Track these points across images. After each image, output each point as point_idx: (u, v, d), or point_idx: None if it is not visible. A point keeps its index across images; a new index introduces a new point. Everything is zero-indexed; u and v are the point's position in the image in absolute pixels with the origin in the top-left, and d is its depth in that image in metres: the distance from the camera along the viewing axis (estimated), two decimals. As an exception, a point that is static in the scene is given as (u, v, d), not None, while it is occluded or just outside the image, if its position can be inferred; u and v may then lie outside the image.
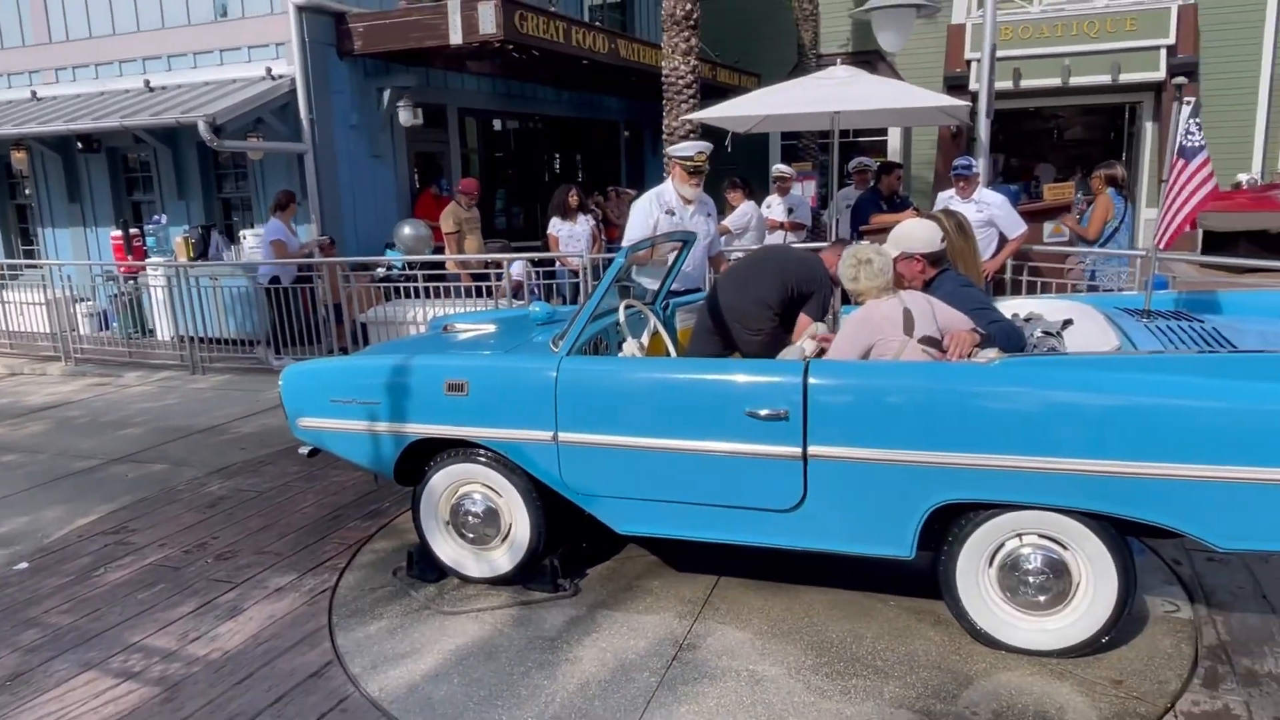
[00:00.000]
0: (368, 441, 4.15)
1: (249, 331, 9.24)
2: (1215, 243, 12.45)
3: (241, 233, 10.05)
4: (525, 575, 4.04)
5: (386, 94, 10.58)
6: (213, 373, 9.10)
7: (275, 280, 8.76)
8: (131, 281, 10.28)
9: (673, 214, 5.45)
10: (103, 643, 3.76)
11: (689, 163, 5.40)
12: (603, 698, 3.22)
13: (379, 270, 9.23)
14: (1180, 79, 13.74)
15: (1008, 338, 3.55)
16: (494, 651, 3.56)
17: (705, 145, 5.48)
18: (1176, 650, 3.41)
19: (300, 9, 9.63)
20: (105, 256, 10.95)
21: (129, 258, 10.37)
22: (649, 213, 5.44)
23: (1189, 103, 3.90)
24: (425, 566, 4.19)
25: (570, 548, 4.25)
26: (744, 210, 8.57)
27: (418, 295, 8.30)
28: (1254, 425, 2.92)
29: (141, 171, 11.35)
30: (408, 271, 8.95)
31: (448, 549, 4.14)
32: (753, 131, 9.57)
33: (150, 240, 10.46)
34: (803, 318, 4.40)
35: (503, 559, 4.06)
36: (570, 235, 8.85)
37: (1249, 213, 12.27)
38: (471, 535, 4.09)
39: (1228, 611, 3.68)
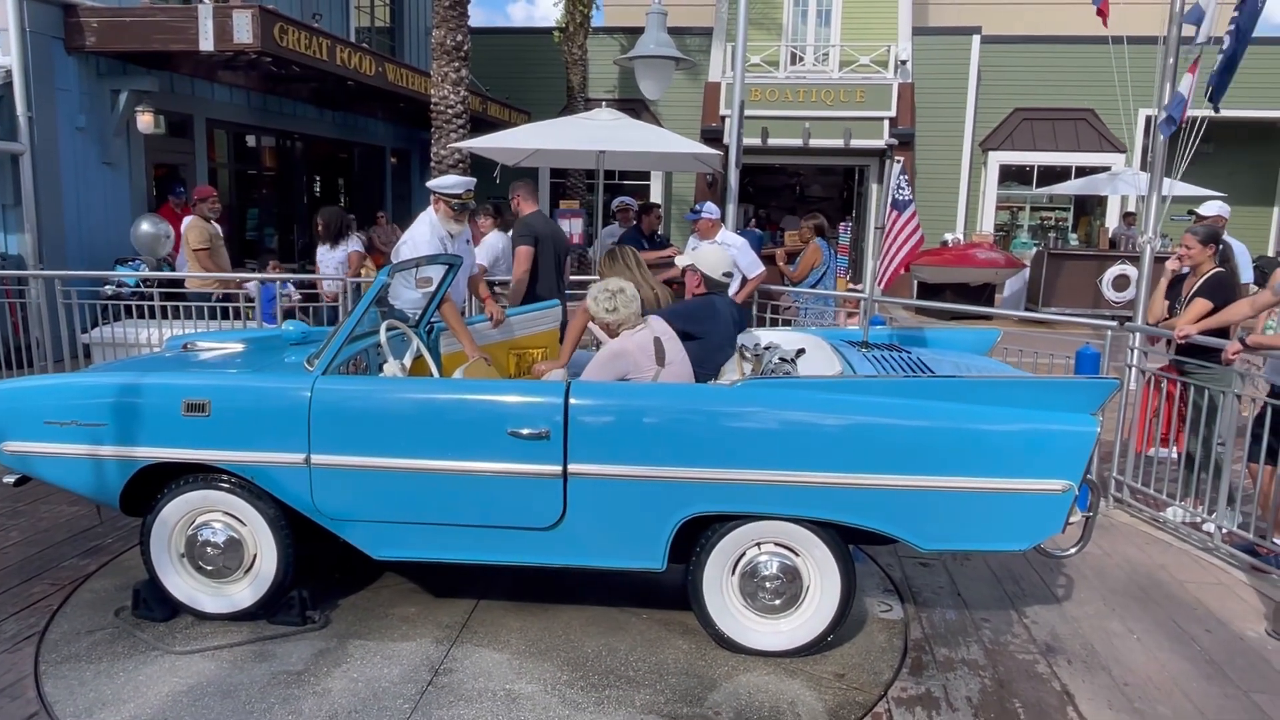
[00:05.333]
0: (90, 468, 3.76)
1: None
2: (926, 291, 14.19)
3: (-65, 239, 8.78)
4: (270, 609, 3.82)
5: (123, 97, 9.69)
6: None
7: None
8: None
9: (443, 244, 5.39)
10: None
11: (456, 200, 5.22)
12: (353, 727, 3.11)
13: (108, 288, 8.37)
14: (895, 141, 15.56)
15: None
16: (232, 689, 3.33)
17: (470, 181, 5.35)
18: (889, 645, 3.82)
19: (20, -6, 8.65)
20: None
21: None
22: (432, 244, 5.29)
23: (899, 161, 4.50)
24: (154, 604, 3.84)
25: (320, 578, 4.07)
26: (491, 241, 7.99)
27: (153, 315, 7.61)
28: (946, 439, 3.38)
29: None
30: (142, 289, 8.19)
31: (181, 584, 3.83)
32: (522, 165, 9.73)
33: None
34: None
35: (244, 593, 3.81)
36: (325, 260, 8.43)
37: (953, 267, 14.10)
38: (210, 568, 3.80)
39: (931, 609, 4.18)
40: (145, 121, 9.86)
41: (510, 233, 8.38)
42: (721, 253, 4.60)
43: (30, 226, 8.94)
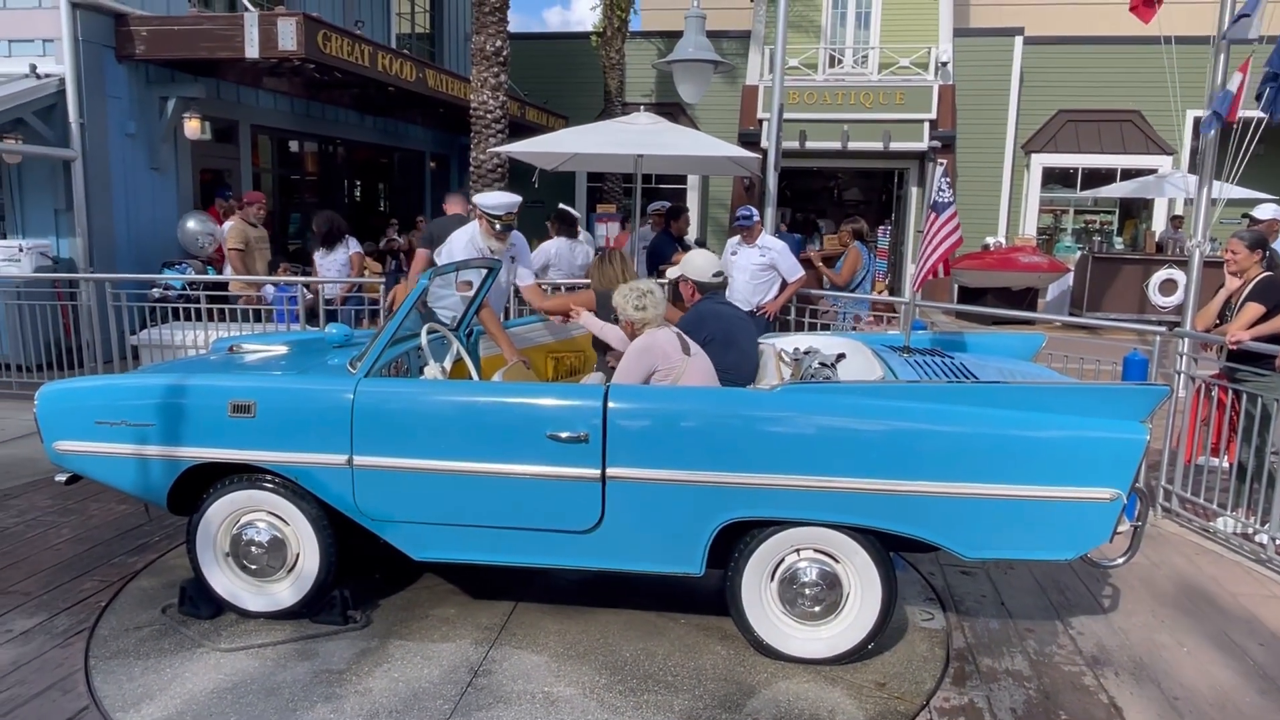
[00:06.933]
0: (138, 467, 3.83)
1: (-3, 353, 8.27)
2: (967, 295, 14.01)
3: (-9, 243, 9.02)
4: (312, 608, 3.86)
5: (171, 104, 9.91)
6: (-53, 398, 8.04)
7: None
8: None
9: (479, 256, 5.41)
10: None
11: (497, 221, 5.19)
12: (393, 727, 3.13)
13: (155, 290, 8.55)
14: (936, 143, 15.38)
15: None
16: (275, 688, 3.37)
17: (514, 203, 5.26)
18: (931, 654, 3.76)
19: (75, 5, 8.86)
20: None
21: None
22: (468, 254, 5.30)
23: (941, 164, 4.45)
24: (200, 602, 3.91)
25: (361, 578, 4.11)
26: (544, 246, 8.34)
27: (199, 317, 7.77)
28: (990, 446, 3.33)
29: None
30: (188, 292, 8.36)
31: (225, 582, 3.89)
32: (560, 170, 9.77)
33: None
34: None
35: (286, 592, 3.86)
36: (324, 264, 8.53)
37: (995, 271, 13.91)
38: (254, 567, 3.86)
39: (973, 618, 4.11)
40: (192, 127, 10.06)
41: (573, 240, 8.44)
42: (707, 256, 4.71)
43: (81, 230, 9.17)
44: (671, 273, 4.75)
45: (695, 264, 4.62)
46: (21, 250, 8.51)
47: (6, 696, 3.27)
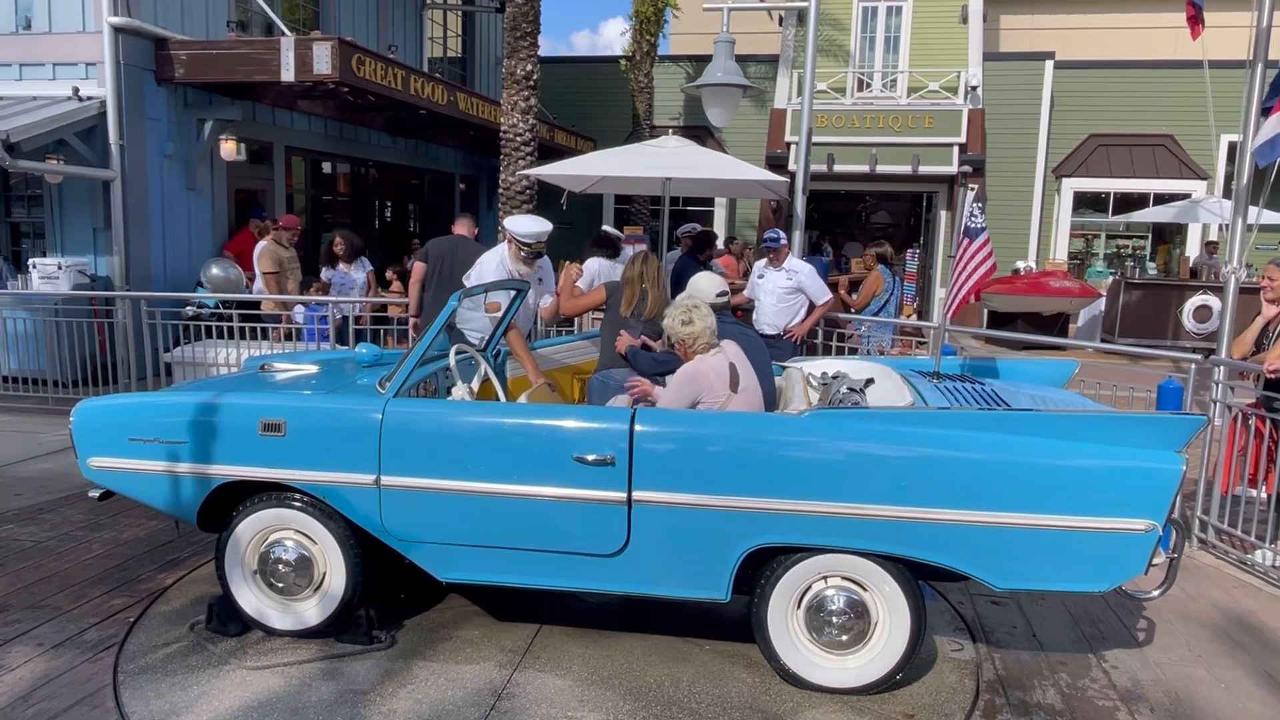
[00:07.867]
0: (169, 484, 3.88)
1: (34, 369, 8.42)
2: (997, 320, 13.88)
3: (31, 261, 9.21)
4: (338, 627, 3.87)
5: (208, 125, 10.10)
6: (-15, 412, 8.19)
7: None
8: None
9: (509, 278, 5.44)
10: None
11: (526, 248, 5.23)
12: (417, 749, 3.12)
13: (188, 309, 8.69)
14: (966, 168, 15.31)
15: None
16: (300, 707, 3.37)
17: (544, 231, 5.26)
18: (960, 685, 3.70)
19: (116, 30, 9.09)
20: None
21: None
22: (498, 275, 5.31)
23: (973, 188, 4.44)
24: (227, 619, 3.93)
25: (387, 598, 4.12)
26: (585, 267, 8.39)
27: (231, 335, 7.88)
28: (1023, 475, 3.28)
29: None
30: (221, 311, 8.48)
31: (253, 600, 3.91)
32: (588, 192, 9.82)
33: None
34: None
35: (312, 611, 3.88)
36: (338, 283, 8.63)
37: (1025, 296, 13.77)
38: (281, 585, 3.88)
39: (1004, 649, 4.04)
40: (228, 149, 10.25)
41: (613, 261, 8.45)
42: (711, 278, 4.74)
43: (119, 249, 9.34)
44: (680, 300, 4.77)
45: (700, 286, 4.66)
46: (60, 268, 8.69)
47: (36, 710, 3.30)
